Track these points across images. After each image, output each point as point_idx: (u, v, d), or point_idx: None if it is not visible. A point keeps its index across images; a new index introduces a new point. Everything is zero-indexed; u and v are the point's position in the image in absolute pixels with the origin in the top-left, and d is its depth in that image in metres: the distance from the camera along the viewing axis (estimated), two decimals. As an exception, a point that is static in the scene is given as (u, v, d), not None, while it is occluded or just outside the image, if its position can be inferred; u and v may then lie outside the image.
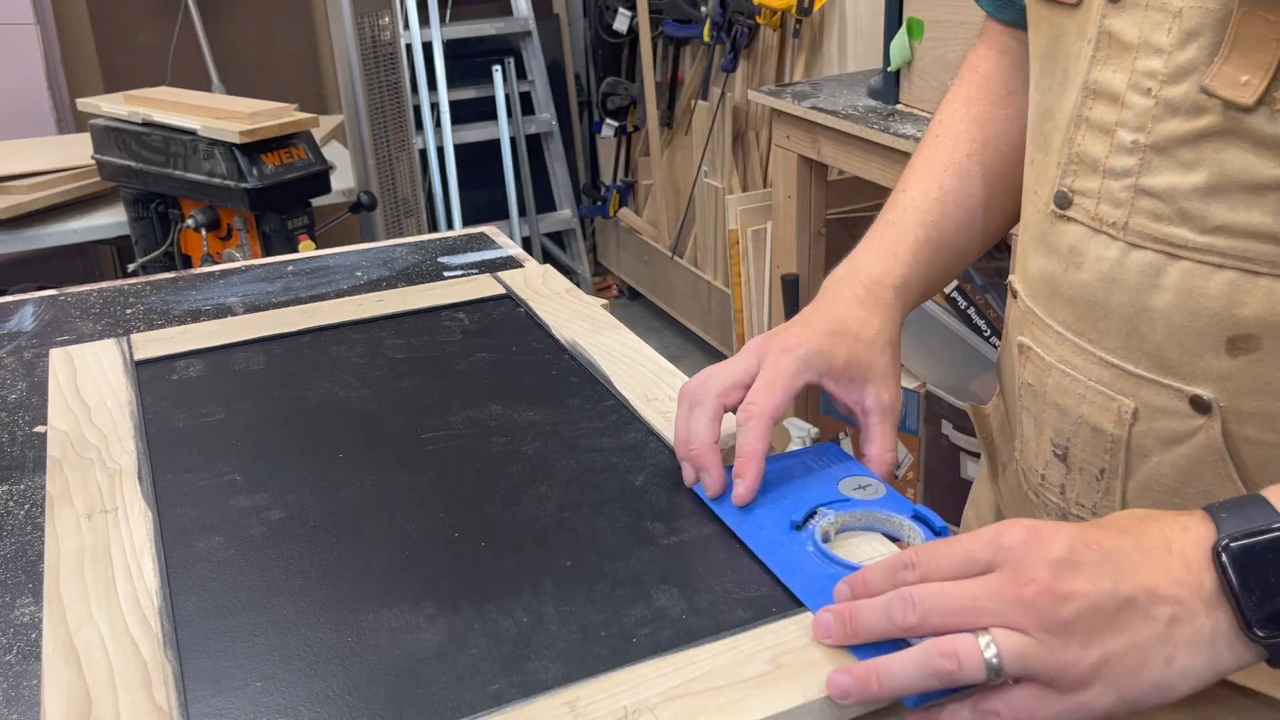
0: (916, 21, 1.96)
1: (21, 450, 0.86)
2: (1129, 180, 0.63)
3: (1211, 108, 0.59)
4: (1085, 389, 0.69)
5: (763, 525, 0.67)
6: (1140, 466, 0.68)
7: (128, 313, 1.11)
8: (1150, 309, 0.64)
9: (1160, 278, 0.63)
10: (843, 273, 0.81)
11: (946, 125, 0.86)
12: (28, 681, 0.61)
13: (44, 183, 2.34)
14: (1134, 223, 0.64)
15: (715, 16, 2.98)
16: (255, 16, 3.43)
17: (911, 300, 0.82)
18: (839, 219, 2.59)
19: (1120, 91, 0.63)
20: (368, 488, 0.75)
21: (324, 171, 2.15)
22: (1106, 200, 0.65)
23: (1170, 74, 0.60)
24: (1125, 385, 0.67)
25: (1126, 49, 0.62)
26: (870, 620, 0.55)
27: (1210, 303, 0.62)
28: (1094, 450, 0.70)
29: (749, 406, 0.71)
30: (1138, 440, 0.67)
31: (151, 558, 0.67)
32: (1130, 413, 0.67)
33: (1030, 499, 0.78)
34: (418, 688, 0.56)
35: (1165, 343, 0.64)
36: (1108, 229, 0.65)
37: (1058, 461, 0.73)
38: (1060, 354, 0.70)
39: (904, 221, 0.83)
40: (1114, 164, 0.64)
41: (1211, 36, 0.58)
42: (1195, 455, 0.65)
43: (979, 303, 2.09)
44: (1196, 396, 0.64)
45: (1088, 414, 0.69)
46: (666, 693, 0.55)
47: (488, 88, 3.54)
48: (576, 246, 3.84)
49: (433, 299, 1.06)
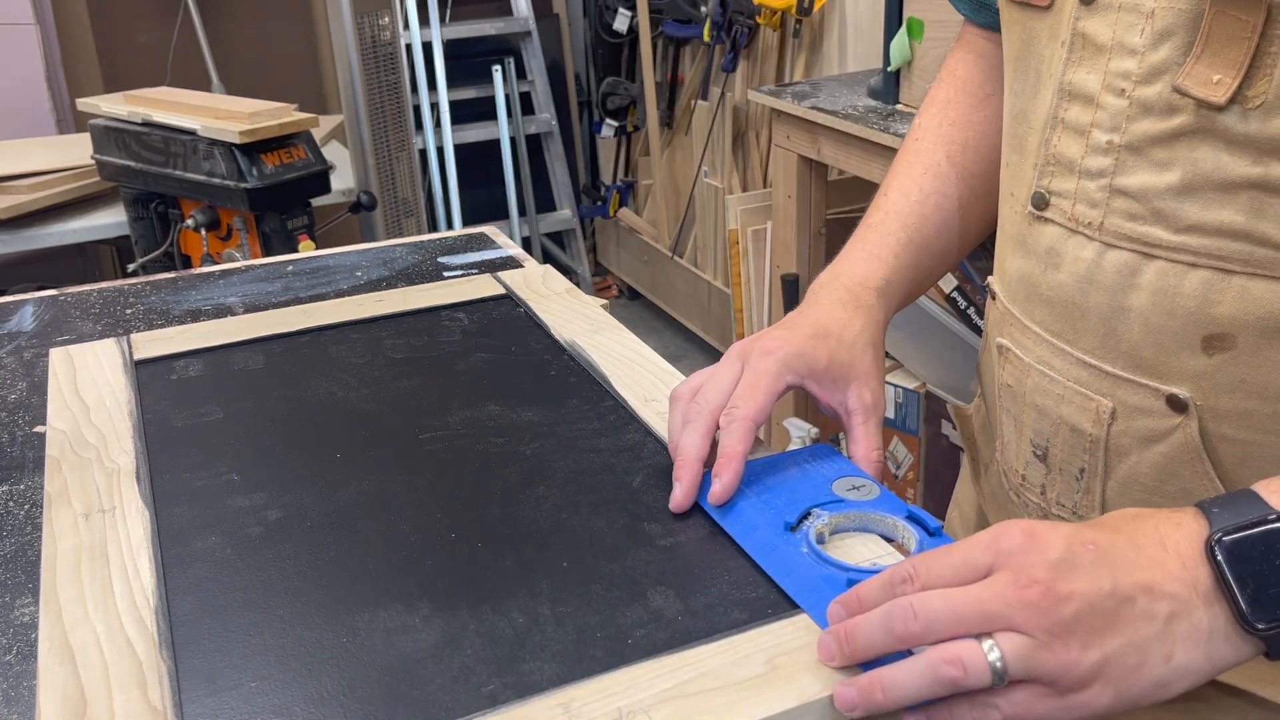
0: (916, 21, 1.96)
1: (21, 450, 0.86)
2: (1104, 180, 0.64)
3: (1184, 107, 0.59)
4: (1064, 389, 0.69)
5: (757, 527, 0.67)
6: (1119, 466, 0.68)
7: (128, 313, 1.11)
8: (1127, 309, 0.65)
9: (1136, 277, 0.64)
10: (826, 278, 0.82)
11: (925, 129, 0.87)
12: (27, 681, 0.61)
13: (44, 183, 2.34)
14: (1109, 223, 0.64)
15: (715, 16, 2.98)
16: (255, 16, 3.43)
17: (895, 301, 0.82)
18: (839, 219, 2.59)
19: (1095, 92, 0.64)
20: (365, 488, 0.75)
21: (324, 171, 2.15)
22: (1083, 201, 0.65)
23: (1144, 74, 0.61)
24: (1103, 385, 0.67)
25: (1100, 50, 0.63)
26: (868, 635, 0.54)
27: (1185, 302, 0.62)
28: (1073, 450, 0.70)
29: (731, 410, 0.71)
30: (1116, 440, 0.68)
31: (148, 557, 0.67)
32: (1108, 412, 0.67)
33: (1011, 499, 0.79)
34: (412, 688, 0.56)
35: (1142, 342, 0.65)
36: (1084, 229, 0.66)
37: (1038, 462, 0.74)
38: (1039, 354, 0.71)
39: (886, 225, 0.84)
40: (1089, 164, 0.65)
41: (1184, 36, 0.59)
42: (1173, 454, 0.66)
43: (979, 303, 2.09)
44: (1173, 395, 0.64)
45: (1067, 414, 0.70)
46: (661, 694, 0.55)
47: (488, 88, 3.54)
48: (576, 246, 3.85)
49: (432, 299, 1.06)
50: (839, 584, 0.61)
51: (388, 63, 2.53)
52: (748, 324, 2.77)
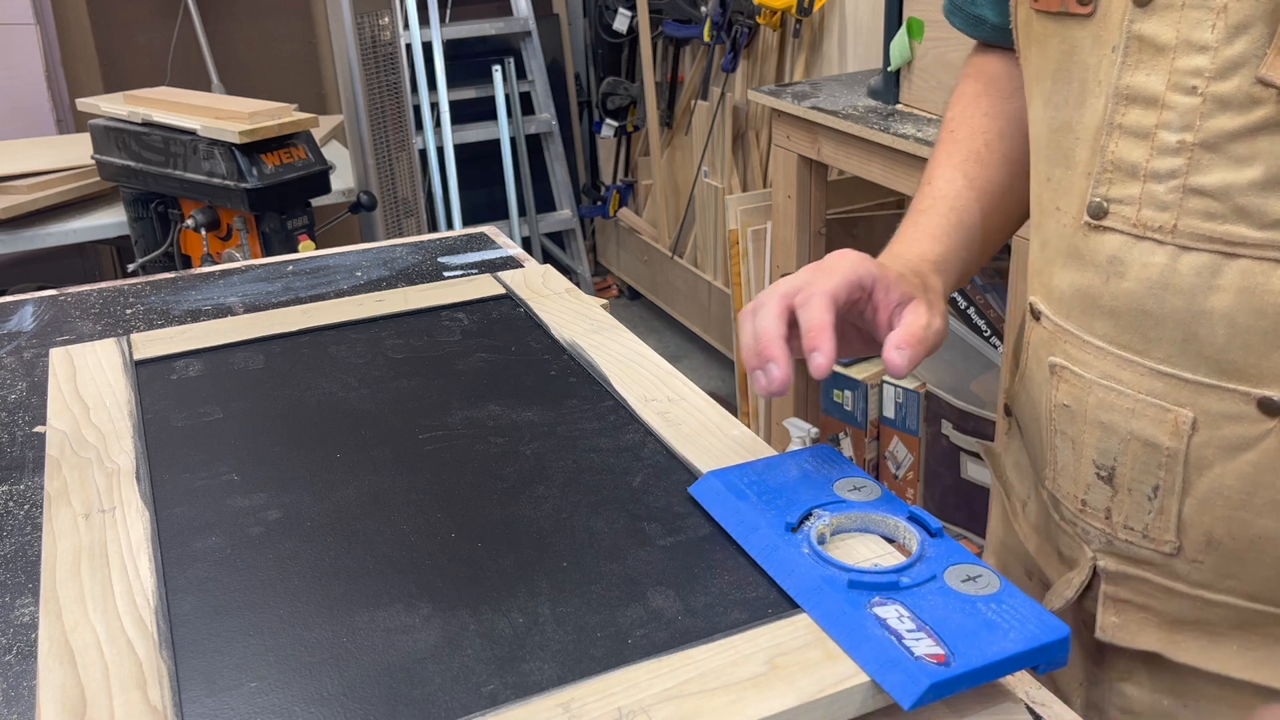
0: (916, 21, 1.96)
1: (21, 450, 0.86)
2: (1176, 181, 0.62)
3: (1267, 99, 0.58)
4: (1134, 403, 0.67)
5: (758, 527, 0.67)
6: (1199, 480, 0.66)
7: (128, 313, 1.11)
8: (1208, 312, 0.62)
9: (1217, 278, 0.62)
10: (884, 258, 0.79)
11: (960, 120, 0.86)
12: (27, 681, 0.61)
13: (44, 183, 2.34)
14: (1184, 224, 0.62)
15: (715, 16, 2.98)
16: (255, 16, 3.43)
17: (949, 280, 0.80)
18: (839, 219, 2.59)
19: (1158, 93, 0.62)
20: (365, 488, 0.75)
21: (324, 171, 2.15)
22: (1150, 205, 0.64)
23: (1218, 70, 0.59)
24: (1182, 394, 0.65)
25: (1161, 50, 0.61)
26: None
27: (1275, 299, 0.60)
28: (1146, 467, 0.67)
29: (806, 288, 0.69)
30: (1197, 452, 0.65)
31: (148, 557, 0.67)
32: (1189, 423, 0.65)
33: (1063, 529, 0.76)
34: (412, 688, 0.56)
35: (1227, 345, 0.62)
36: (1153, 234, 0.64)
37: (1101, 483, 0.71)
38: (1103, 369, 0.68)
39: (936, 208, 0.82)
40: (1157, 166, 0.63)
41: (1262, 29, 0.58)
42: (1263, 462, 0.63)
43: (979, 302, 2.09)
44: (1266, 399, 0.62)
45: (1138, 429, 0.67)
46: (661, 694, 0.55)
47: (488, 88, 3.55)
48: (576, 246, 3.85)
49: (432, 299, 1.06)
50: (840, 584, 0.61)
51: (388, 63, 2.53)
52: (748, 324, 2.76)
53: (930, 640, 0.57)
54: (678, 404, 0.85)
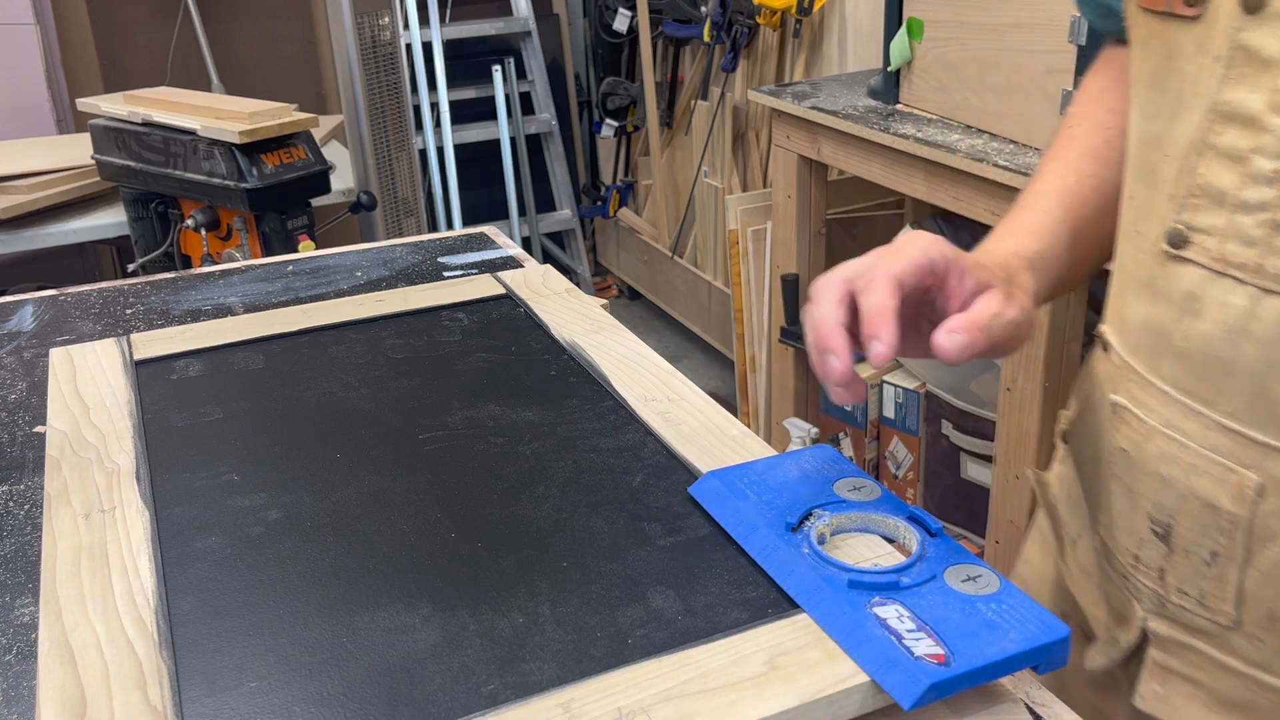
0: (916, 21, 1.96)
1: (21, 450, 0.86)
2: (1265, 215, 0.55)
3: None
4: (1197, 458, 0.60)
5: (758, 527, 0.67)
6: (1263, 552, 0.59)
7: (128, 313, 1.11)
8: None
9: None
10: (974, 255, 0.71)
11: (1080, 116, 0.79)
12: (27, 682, 0.61)
13: (44, 183, 2.34)
14: (1271, 264, 0.55)
15: (715, 16, 2.98)
16: (255, 16, 3.43)
17: (1048, 279, 0.72)
18: (839, 219, 2.59)
19: (1258, 113, 0.55)
20: (365, 488, 0.75)
21: (324, 171, 2.15)
22: (1235, 238, 0.56)
23: None
24: (1250, 455, 0.58)
25: (1267, 65, 0.54)
26: None
27: None
28: (1204, 530, 0.61)
29: (869, 271, 0.62)
30: (1263, 521, 0.58)
31: (148, 557, 0.67)
32: (1255, 488, 0.58)
33: (1114, 580, 0.70)
34: (412, 688, 0.56)
35: None
36: (1234, 271, 0.57)
37: (1156, 541, 0.64)
38: (1166, 416, 0.62)
39: (1039, 204, 0.75)
40: (1247, 196, 0.56)
41: None
42: None
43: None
44: None
45: (1198, 487, 0.60)
46: (662, 694, 0.55)
47: (488, 88, 3.55)
48: (576, 246, 3.85)
49: (432, 299, 1.06)
50: (840, 584, 0.61)
51: (388, 63, 2.53)
52: (747, 324, 2.77)
53: (930, 640, 0.57)
54: (678, 404, 0.85)
